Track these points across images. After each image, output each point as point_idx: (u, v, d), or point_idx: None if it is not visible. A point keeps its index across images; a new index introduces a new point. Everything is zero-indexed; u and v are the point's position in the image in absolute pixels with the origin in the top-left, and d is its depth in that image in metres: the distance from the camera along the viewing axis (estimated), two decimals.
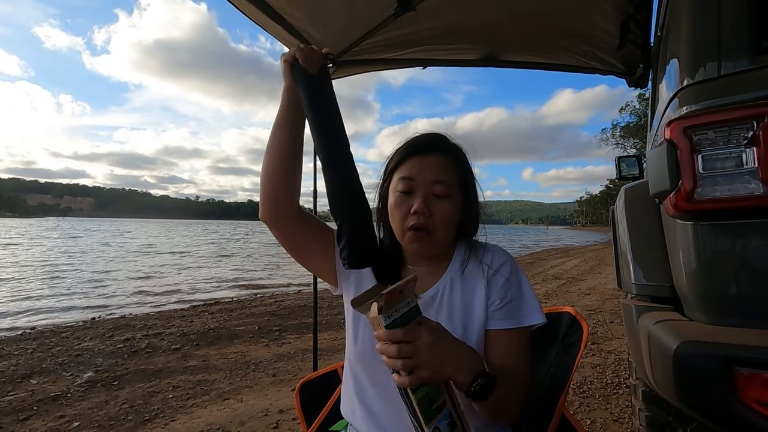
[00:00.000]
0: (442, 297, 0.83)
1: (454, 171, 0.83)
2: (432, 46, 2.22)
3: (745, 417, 0.75)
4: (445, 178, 0.80)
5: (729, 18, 0.95)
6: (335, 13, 1.82)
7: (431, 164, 0.81)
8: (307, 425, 1.10)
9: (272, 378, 3.12)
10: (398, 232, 0.82)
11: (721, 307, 0.93)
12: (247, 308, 5.89)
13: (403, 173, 0.81)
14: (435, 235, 0.80)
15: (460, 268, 0.85)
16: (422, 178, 0.80)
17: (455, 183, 0.82)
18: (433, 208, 0.79)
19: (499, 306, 0.80)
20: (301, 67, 0.79)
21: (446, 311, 0.82)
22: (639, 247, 1.33)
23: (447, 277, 0.85)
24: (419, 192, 0.80)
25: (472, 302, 0.82)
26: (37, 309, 6.32)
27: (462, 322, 0.81)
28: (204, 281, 9.66)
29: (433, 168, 0.80)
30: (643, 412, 1.37)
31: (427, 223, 0.79)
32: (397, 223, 0.81)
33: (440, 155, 0.82)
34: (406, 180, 0.81)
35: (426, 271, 0.87)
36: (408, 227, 0.79)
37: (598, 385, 2.80)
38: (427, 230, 0.79)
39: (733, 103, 0.89)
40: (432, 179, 0.80)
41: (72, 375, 3.17)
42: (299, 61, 0.79)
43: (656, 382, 1.00)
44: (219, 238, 33.93)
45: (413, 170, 0.81)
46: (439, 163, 0.81)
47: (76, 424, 2.37)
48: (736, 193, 0.87)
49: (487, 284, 0.81)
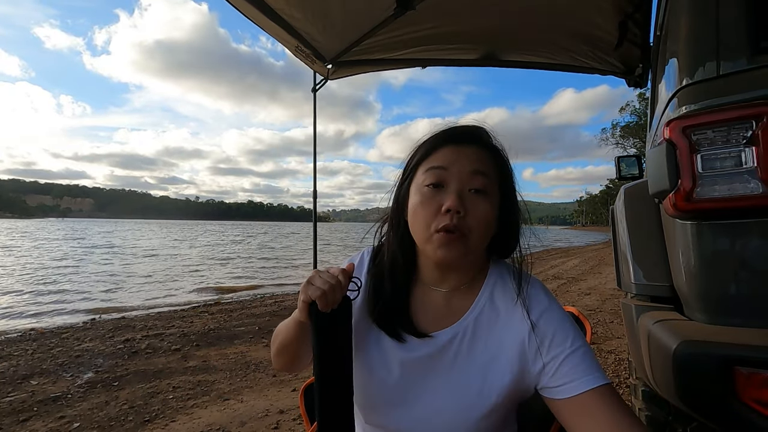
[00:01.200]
0: (461, 342, 0.67)
1: (494, 167, 0.68)
2: (431, 45, 2.22)
3: (744, 416, 0.76)
4: (485, 169, 0.66)
5: (728, 18, 0.95)
6: (334, 13, 1.82)
7: (469, 154, 0.66)
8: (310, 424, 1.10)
9: (272, 378, 3.12)
10: (422, 236, 0.66)
11: (720, 306, 0.93)
12: (248, 308, 5.89)
13: (434, 163, 0.67)
14: (468, 241, 0.64)
15: (489, 299, 0.69)
16: (458, 169, 0.65)
17: (495, 180, 0.67)
18: (469, 206, 0.64)
19: (564, 359, 0.62)
20: (318, 309, 0.65)
21: (462, 362, 0.66)
22: (639, 247, 1.33)
23: (471, 314, 0.69)
24: (453, 185, 0.65)
25: (501, 353, 0.66)
26: (37, 309, 6.32)
27: (480, 380, 0.65)
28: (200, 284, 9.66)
29: (471, 157, 0.66)
30: (643, 411, 1.37)
31: (462, 224, 0.63)
32: (422, 224, 0.65)
33: (479, 147, 0.68)
34: (437, 170, 0.66)
35: (445, 299, 0.71)
36: (437, 229, 0.63)
37: None
38: (461, 232, 0.63)
39: (732, 103, 0.90)
40: (470, 169, 0.65)
41: (72, 376, 3.17)
42: (318, 306, 0.64)
43: (656, 382, 1.00)
44: (215, 242, 33.87)
45: (447, 159, 0.66)
46: (479, 155, 0.67)
47: (76, 424, 2.37)
48: (735, 193, 0.87)
49: (525, 335, 0.65)
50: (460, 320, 0.68)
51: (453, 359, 0.67)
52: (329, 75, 2.32)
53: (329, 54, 2.17)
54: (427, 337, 0.68)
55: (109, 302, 6.99)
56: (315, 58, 2.11)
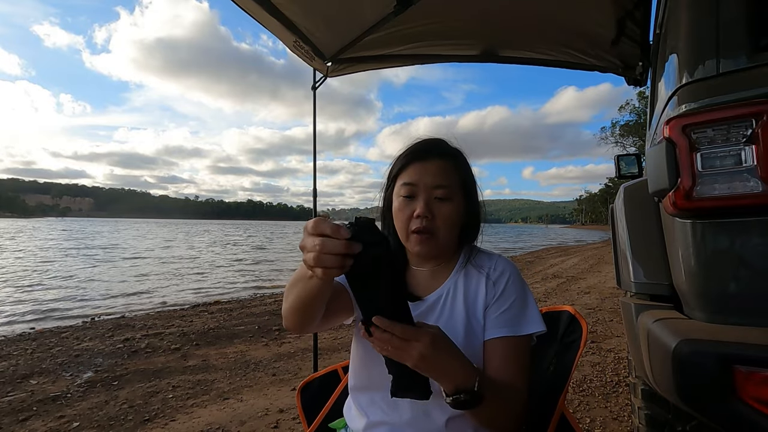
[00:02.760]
0: (444, 301, 0.85)
1: (455, 174, 0.85)
2: (431, 42, 2.22)
3: (744, 415, 0.76)
4: (445, 182, 0.83)
5: (728, 15, 0.95)
6: (334, 9, 1.82)
7: (431, 169, 0.83)
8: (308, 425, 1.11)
9: (272, 377, 3.12)
10: (402, 235, 0.85)
11: (720, 305, 0.93)
12: (247, 308, 5.89)
13: (405, 179, 0.84)
14: (438, 237, 0.82)
15: (462, 273, 0.87)
16: (423, 183, 0.82)
17: (456, 186, 0.84)
18: (435, 210, 0.82)
19: (497, 314, 0.81)
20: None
21: (447, 315, 0.84)
22: (638, 246, 1.33)
23: (450, 281, 0.87)
24: (421, 196, 0.82)
25: (474, 308, 0.83)
26: (37, 310, 6.31)
27: (464, 328, 0.82)
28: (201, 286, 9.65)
29: (433, 173, 0.83)
30: (643, 410, 1.37)
31: (430, 225, 0.81)
32: (401, 226, 0.84)
33: (440, 159, 0.85)
34: (408, 186, 0.83)
35: (429, 273, 0.89)
36: (411, 230, 0.82)
37: (597, 384, 2.81)
38: (430, 232, 0.81)
39: (732, 101, 0.89)
40: (433, 184, 0.82)
41: (72, 375, 3.17)
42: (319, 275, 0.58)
43: (656, 381, 1.00)
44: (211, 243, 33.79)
45: (414, 176, 0.83)
46: (440, 168, 0.84)
47: (75, 424, 2.37)
48: (735, 192, 0.87)
49: (487, 292, 0.83)
50: (442, 285, 0.87)
51: (440, 313, 0.85)
52: (328, 72, 2.32)
53: (329, 51, 2.17)
54: (419, 300, 0.87)
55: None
56: (314, 54, 2.10)
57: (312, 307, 0.72)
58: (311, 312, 0.74)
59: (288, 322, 0.78)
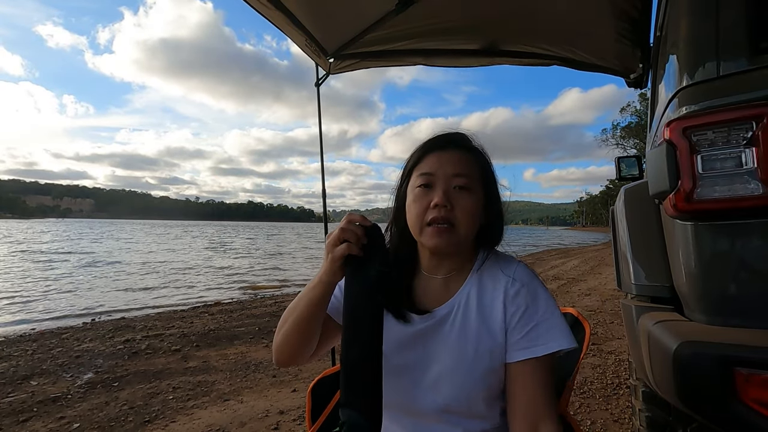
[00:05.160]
0: (455, 315, 0.78)
1: (476, 165, 0.80)
2: (432, 40, 2.23)
3: (744, 417, 0.76)
4: (465, 170, 0.77)
5: (728, 18, 0.95)
6: (337, 6, 1.83)
7: (451, 158, 0.78)
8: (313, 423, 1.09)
9: (272, 379, 3.12)
10: (416, 228, 0.78)
11: (720, 307, 0.93)
12: (247, 309, 5.88)
13: (423, 169, 0.79)
14: (457, 230, 0.75)
15: (476, 282, 0.80)
16: (442, 172, 0.77)
17: (476, 177, 0.79)
18: (455, 201, 0.75)
19: (523, 335, 0.74)
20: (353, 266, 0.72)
21: (458, 332, 0.77)
22: (639, 248, 1.33)
23: (462, 292, 0.80)
24: (439, 185, 0.76)
25: (490, 325, 0.76)
26: (37, 309, 6.31)
27: (474, 347, 0.75)
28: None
29: (453, 161, 0.78)
30: (644, 412, 1.37)
31: (449, 216, 0.74)
32: (415, 218, 0.77)
33: (460, 150, 0.80)
34: (425, 175, 0.78)
35: (442, 282, 0.82)
36: (428, 221, 0.75)
37: (598, 386, 2.80)
38: (449, 222, 0.74)
39: (732, 104, 0.89)
40: (452, 172, 0.77)
41: (72, 376, 3.16)
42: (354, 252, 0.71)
43: (656, 383, 1.00)
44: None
45: (433, 165, 0.78)
46: (460, 158, 0.79)
47: (76, 425, 2.37)
48: (735, 194, 0.87)
49: (505, 307, 0.76)
50: (453, 297, 0.80)
51: (450, 329, 0.78)
52: (331, 69, 2.32)
53: (331, 47, 2.18)
54: (427, 313, 0.79)
55: None
56: (318, 50, 2.12)
57: (314, 318, 0.76)
58: (311, 328, 0.77)
59: (282, 351, 0.78)
